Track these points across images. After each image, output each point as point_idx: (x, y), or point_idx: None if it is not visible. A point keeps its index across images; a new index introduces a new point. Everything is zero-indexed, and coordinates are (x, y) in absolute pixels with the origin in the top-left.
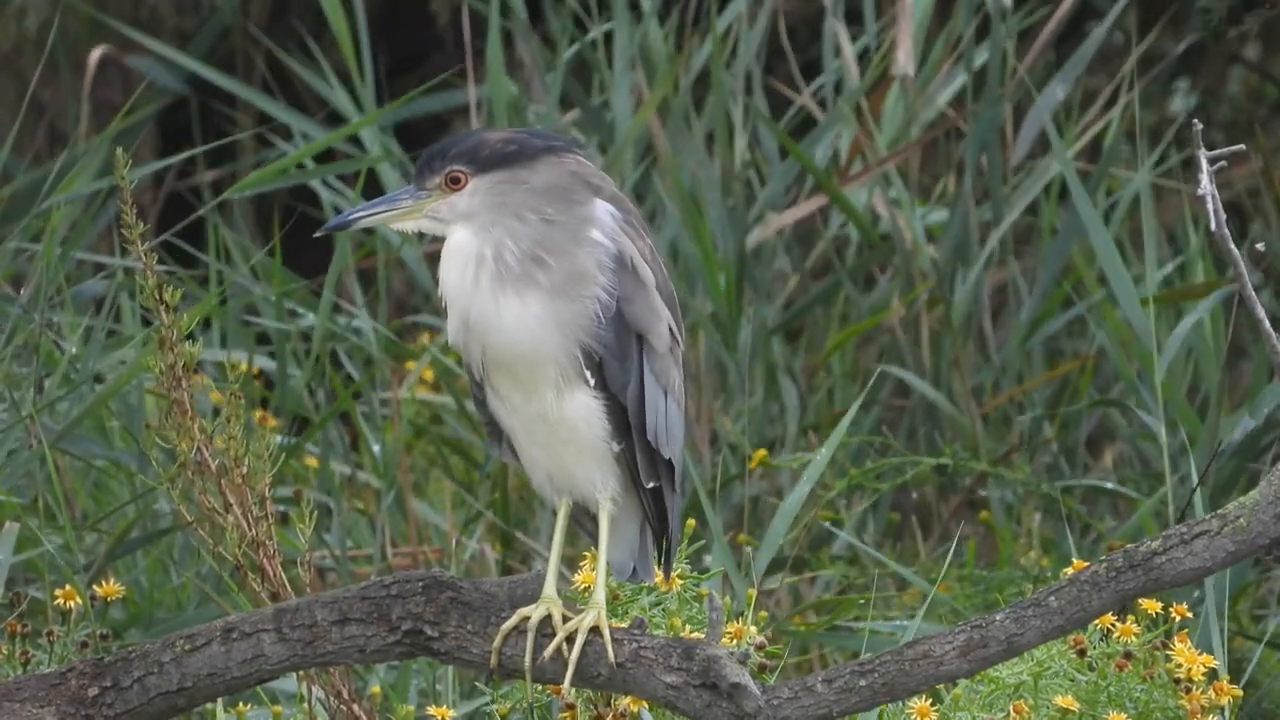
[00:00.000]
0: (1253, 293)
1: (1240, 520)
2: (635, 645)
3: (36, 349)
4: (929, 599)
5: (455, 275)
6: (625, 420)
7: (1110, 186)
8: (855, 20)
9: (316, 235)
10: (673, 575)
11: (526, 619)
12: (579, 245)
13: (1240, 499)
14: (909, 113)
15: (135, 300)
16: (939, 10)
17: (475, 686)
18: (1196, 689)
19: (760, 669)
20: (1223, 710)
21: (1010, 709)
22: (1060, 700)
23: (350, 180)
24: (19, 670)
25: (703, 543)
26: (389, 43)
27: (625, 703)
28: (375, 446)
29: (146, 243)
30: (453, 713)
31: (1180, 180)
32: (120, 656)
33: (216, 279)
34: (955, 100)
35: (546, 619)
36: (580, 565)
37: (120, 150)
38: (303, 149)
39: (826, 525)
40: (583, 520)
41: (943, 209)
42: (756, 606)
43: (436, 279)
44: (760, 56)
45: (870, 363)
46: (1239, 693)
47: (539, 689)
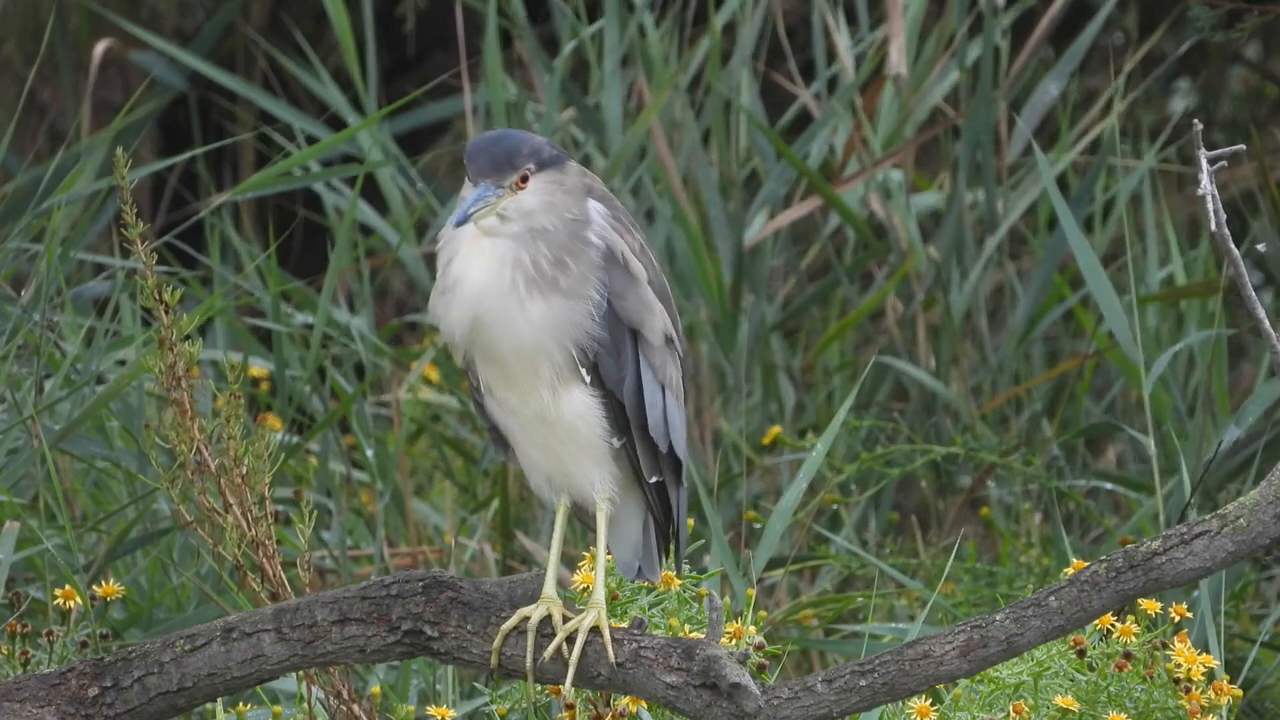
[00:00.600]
0: (1253, 293)
1: (1240, 520)
2: (635, 645)
3: (37, 350)
4: (930, 603)
5: (483, 275)
6: (624, 417)
7: (1110, 184)
8: (853, 19)
9: (458, 226)
10: (670, 574)
11: (526, 619)
12: (586, 245)
13: (1240, 499)
14: (903, 111)
15: (136, 301)
16: (933, 8)
17: (475, 686)
18: (1196, 689)
19: (760, 669)
20: (1223, 710)
21: (1010, 709)
22: (1060, 700)
23: (349, 181)
24: (19, 670)
25: (702, 542)
26: (387, 44)
27: (625, 703)
28: (370, 451)
29: (147, 243)
30: (453, 713)
31: (1176, 182)
32: (120, 656)
33: (219, 280)
34: (951, 98)
35: (546, 619)
36: (580, 565)
37: (120, 150)
38: (303, 152)
39: (827, 524)
40: (585, 519)
41: (934, 193)
42: (756, 605)
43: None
44: (760, 55)
45: (868, 364)
46: (1238, 692)
47: (539, 689)
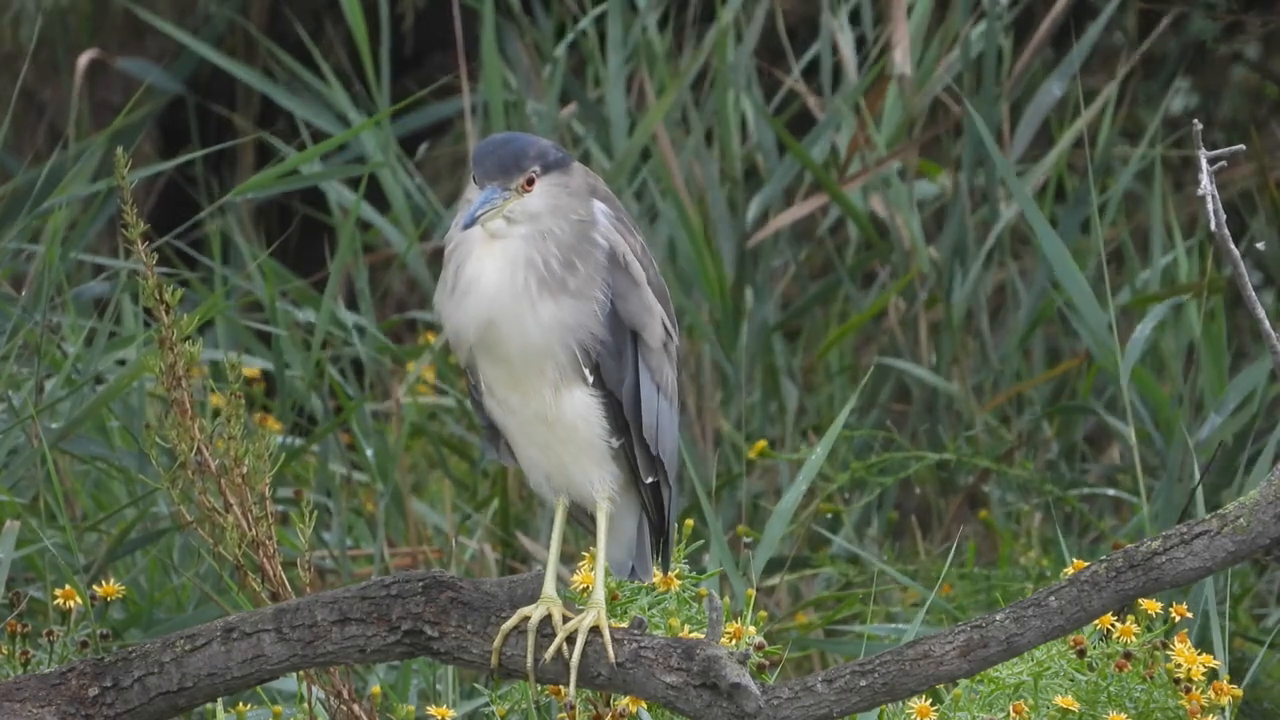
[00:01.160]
0: (1253, 293)
1: (1240, 520)
2: (635, 645)
3: (37, 350)
4: (928, 603)
5: (497, 276)
6: (623, 417)
7: (1108, 184)
8: (855, 19)
9: (465, 229)
10: (671, 574)
11: (526, 619)
12: (593, 246)
13: (1240, 499)
14: (907, 111)
15: (138, 302)
16: (936, 8)
17: (475, 686)
18: (1196, 689)
19: (760, 669)
20: (1223, 710)
21: (1010, 709)
22: (1060, 700)
23: (351, 180)
24: (19, 670)
25: (702, 542)
26: (389, 41)
27: (625, 703)
28: (369, 451)
29: (147, 243)
30: (453, 713)
31: (1175, 182)
32: (120, 656)
33: (221, 281)
34: (953, 97)
35: (546, 619)
36: (579, 565)
37: (120, 150)
38: (305, 153)
39: (826, 523)
40: (582, 519)
41: (937, 185)
42: (756, 606)
43: (438, 278)
44: (763, 56)
45: (870, 363)
46: (1239, 692)
47: (539, 689)
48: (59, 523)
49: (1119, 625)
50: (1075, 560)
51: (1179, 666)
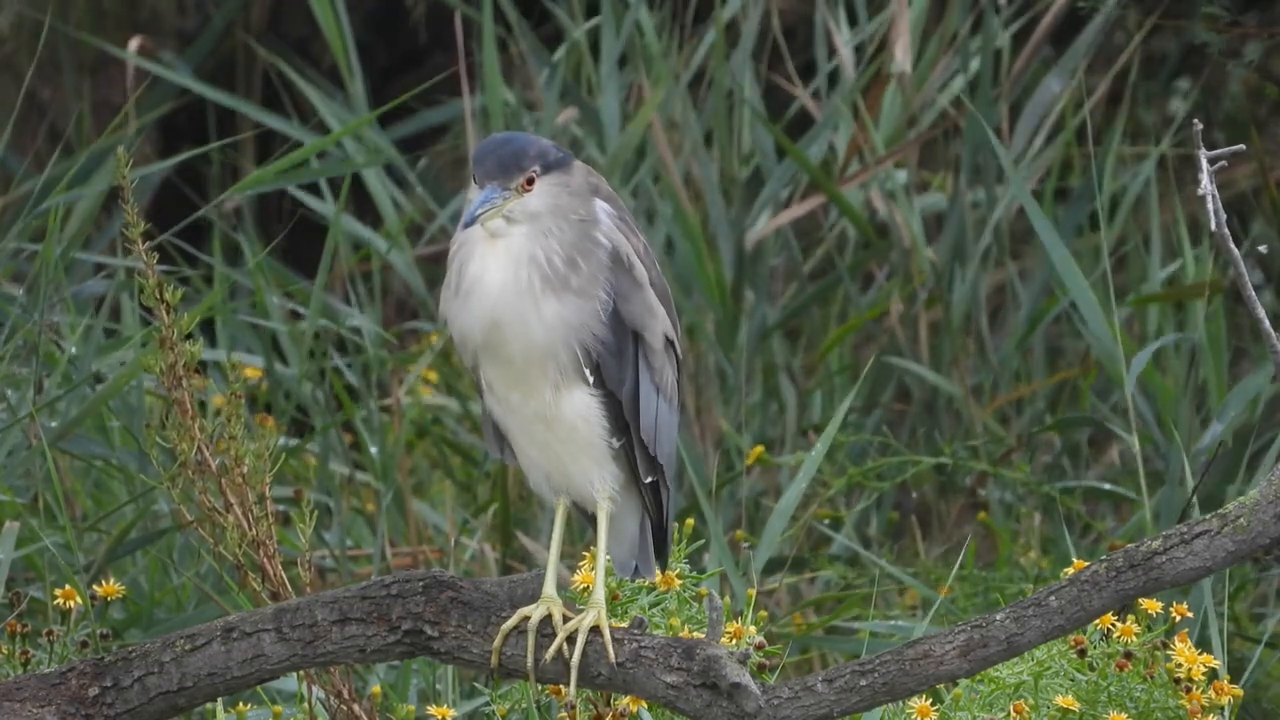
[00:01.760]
0: (1253, 293)
1: (1240, 520)
2: (635, 645)
3: (36, 349)
4: (933, 607)
5: (501, 275)
6: (623, 417)
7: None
8: (854, 21)
9: (465, 228)
10: (671, 574)
11: (527, 619)
12: (596, 245)
13: (1240, 498)
14: (906, 110)
15: (135, 300)
16: (934, 6)
17: (475, 686)
18: (1197, 689)
19: (760, 669)
20: (1223, 710)
21: (1010, 709)
22: (1060, 700)
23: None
24: (19, 670)
25: (702, 542)
26: (386, 44)
27: (625, 702)
28: (373, 449)
29: (148, 242)
30: (453, 713)
31: (1175, 181)
32: (120, 656)
33: (222, 279)
34: (953, 98)
35: (547, 619)
36: (580, 565)
37: (121, 149)
38: (297, 153)
39: (826, 526)
40: (584, 519)
41: (937, 193)
42: (756, 606)
43: (438, 280)
44: (761, 56)
45: (870, 364)
46: (1239, 692)
47: (539, 689)
48: (59, 523)
49: (1119, 625)
50: (1076, 560)
51: (1179, 666)
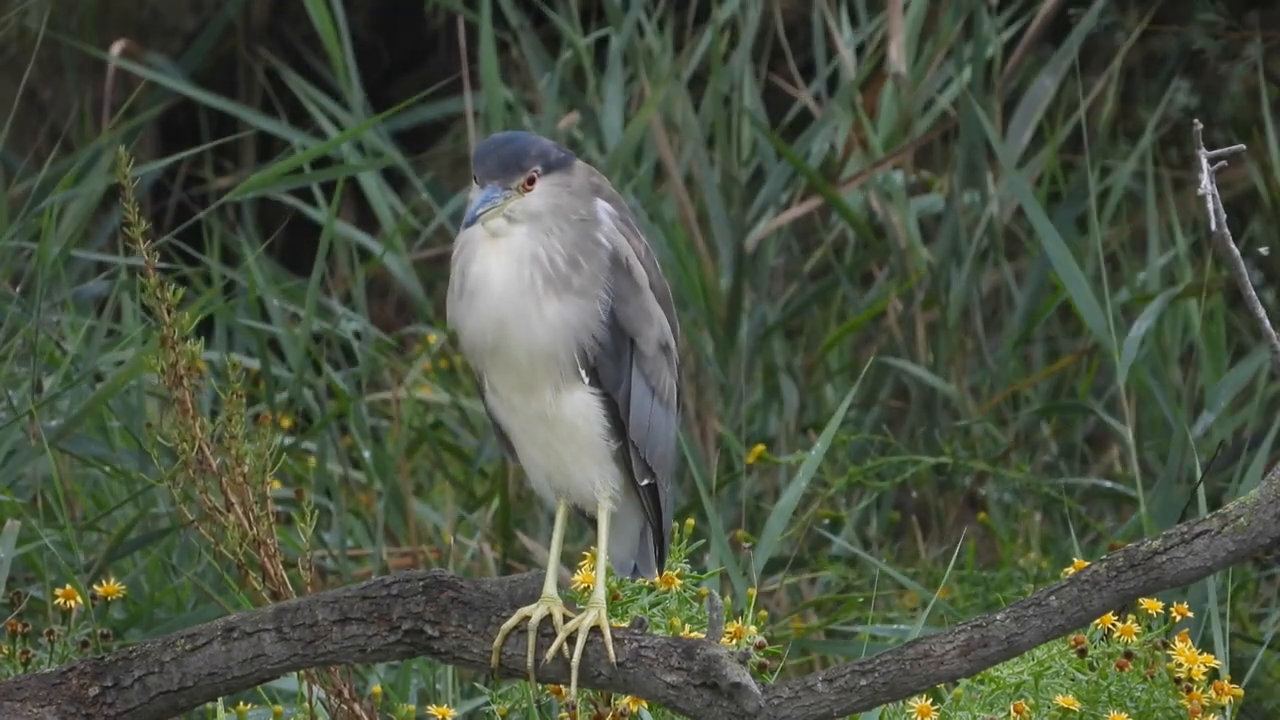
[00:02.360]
0: (1253, 292)
1: (1241, 519)
2: (636, 645)
3: (33, 348)
4: (930, 605)
5: (504, 274)
6: (620, 419)
7: (1108, 185)
8: (855, 20)
9: (466, 227)
10: (670, 573)
11: (527, 618)
12: (598, 246)
13: (1241, 498)
14: (903, 110)
15: (136, 300)
16: (933, 7)
17: (475, 686)
18: (1197, 688)
19: (760, 668)
20: (1223, 710)
21: (1011, 709)
22: (1061, 700)
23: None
24: (19, 670)
25: (703, 542)
26: (388, 42)
27: (625, 702)
28: (366, 452)
29: (148, 242)
30: (453, 712)
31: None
32: (121, 656)
33: (221, 280)
34: (950, 98)
35: (547, 619)
36: (580, 564)
37: (122, 149)
38: (296, 157)
39: (826, 526)
40: (584, 519)
41: (935, 195)
42: (756, 606)
43: (437, 282)
44: (762, 56)
45: (868, 363)
46: (1240, 692)
47: (540, 689)
48: (59, 522)
49: (1120, 625)
50: (1076, 560)
51: (1180, 666)
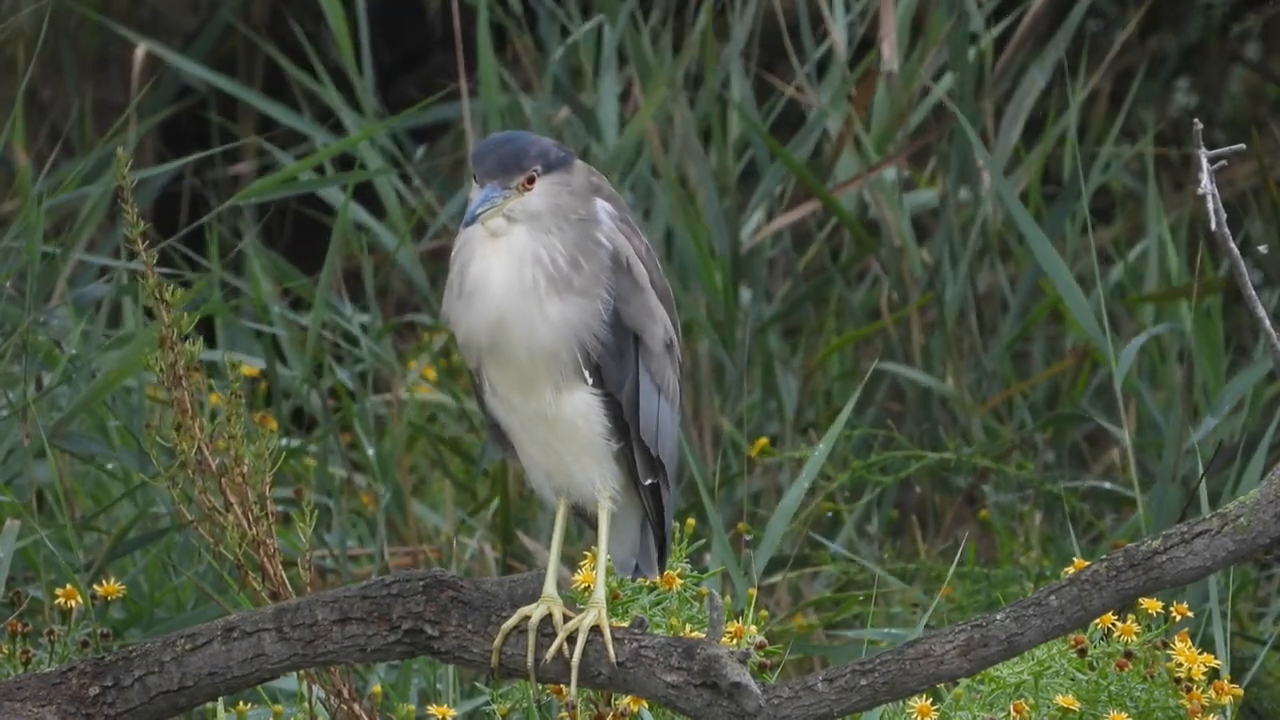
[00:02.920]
0: (1253, 292)
1: (1241, 519)
2: (636, 644)
3: (24, 345)
4: (930, 609)
5: (505, 274)
6: (623, 419)
7: (1112, 184)
8: (849, 8)
9: (466, 226)
10: (672, 574)
11: (527, 618)
12: (598, 246)
13: (1241, 498)
14: (895, 108)
15: (139, 303)
16: (925, 3)
17: (475, 686)
18: (1197, 688)
19: (761, 668)
20: (1224, 710)
21: (1011, 708)
22: (1061, 700)
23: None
24: (20, 669)
25: (703, 541)
26: (389, 42)
27: (625, 702)
28: (370, 450)
29: (148, 242)
30: (453, 712)
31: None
32: (121, 655)
33: (221, 281)
34: (944, 93)
35: (547, 618)
36: (580, 564)
37: (121, 150)
38: (303, 161)
39: (827, 524)
40: (583, 518)
41: (929, 190)
42: (756, 605)
43: (439, 276)
44: (753, 51)
45: (867, 363)
46: (1239, 692)
47: (540, 688)
48: (58, 522)
49: (1120, 624)
50: (1076, 559)
51: (1180, 666)
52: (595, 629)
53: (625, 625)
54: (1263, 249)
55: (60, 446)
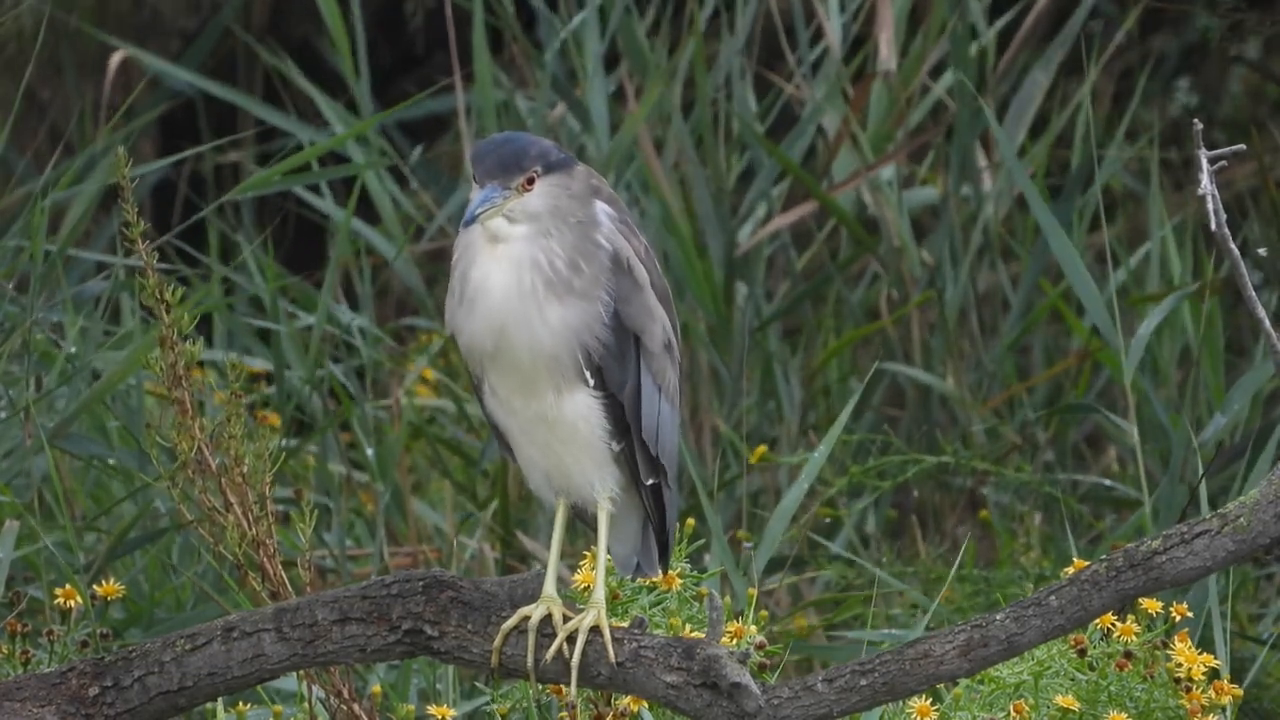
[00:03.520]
0: (1253, 292)
1: (1241, 519)
2: (635, 645)
3: (26, 344)
4: (929, 611)
5: (504, 278)
6: (624, 419)
7: (1113, 184)
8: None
9: (465, 226)
10: (672, 574)
11: (527, 618)
12: (597, 248)
13: (1240, 498)
14: (893, 108)
15: (136, 300)
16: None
17: (475, 686)
18: (1197, 688)
19: (760, 668)
20: (1223, 710)
21: (1010, 708)
22: (1060, 700)
23: (347, 182)
24: (19, 669)
25: (703, 542)
26: (389, 42)
27: (625, 702)
28: (369, 450)
29: (147, 241)
30: (453, 712)
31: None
32: (121, 656)
33: (219, 278)
34: (944, 90)
35: (547, 618)
36: (580, 564)
37: (121, 148)
38: (300, 154)
39: (826, 525)
40: (584, 518)
41: (928, 188)
42: (756, 606)
43: (437, 279)
44: (753, 49)
45: (866, 362)
46: (1239, 692)
47: (540, 688)
48: (59, 522)
49: (1119, 625)
50: (1076, 559)
51: (1179, 666)
52: (595, 629)
53: (625, 625)
54: (1262, 251)
55: (60, 447)
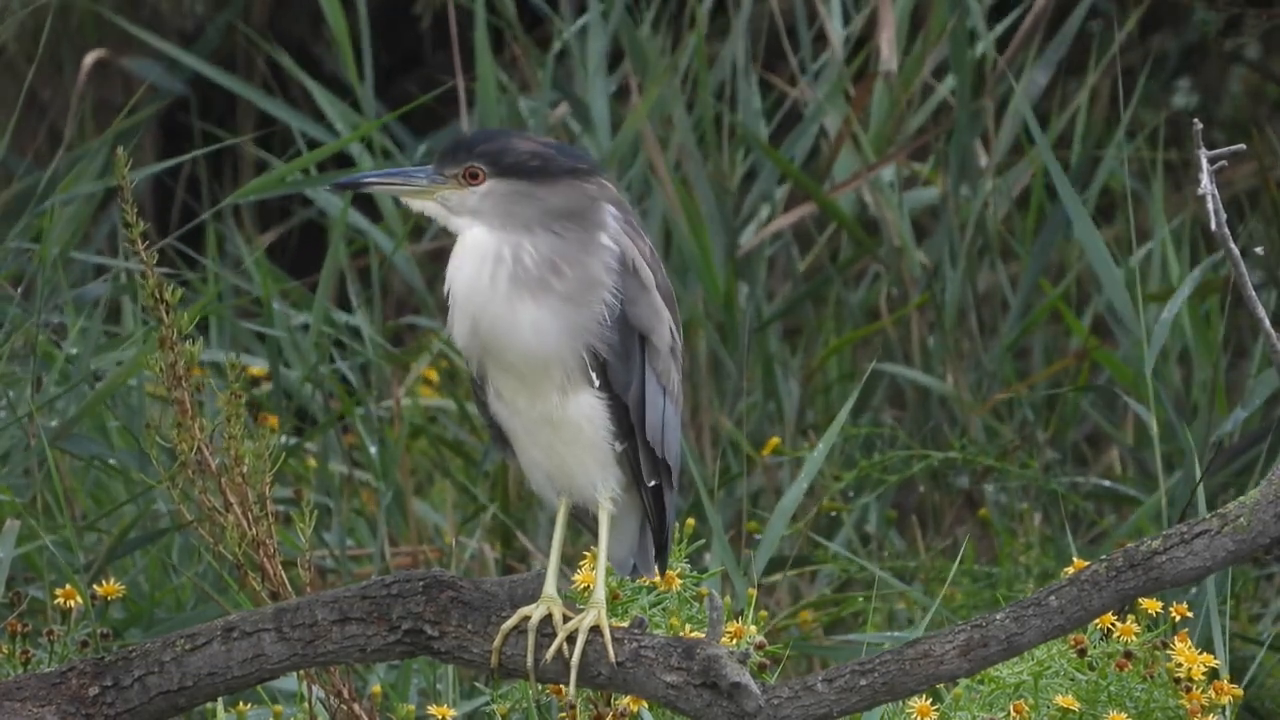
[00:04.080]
0: (1253, 292)
1: (1241, 519)
2: (635, 644)
3: (34, 349)
4: (931, 612)
5: (469, 273)
6: (628, 419)
7: (1112, 184)
8: (847, 12)
9: (328, 189)
10: (672, 574)
11: (527, 618)
12: (591, 254)
13: (1240, 498)
14: (895, 109)
15: (137, 303)
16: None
17: (475, 686)
18: (1197, 688)
19: (760, 668)
20: (1223, 710)
21: (1010, 708)
22: (1060, 700)
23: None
24: (19, 669)
25: (703, 541)
26: (389, 42)
27: (625, 702)
28: (372, 449)
29: (147, 243)
30: (453, 712)
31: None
32: (121, 656)
33: (215, 280)
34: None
35: (547, 619)
36: (580, 564)
37: (121, 150)
38: (302, 159)
39: (826, 526)
40: (584, 518)
41: (929, 188)
42: (756, 605)
43: (438, 278)
44: (759, 48)
45: (866, 363)
46: (1239, 692)
47: (540, 688)
48: (59, 522)
49: (1119, 625)
50: (1076, 559)
51: (1179, 666)
52: (595, 629)
53: (625, 625)
54: (1259, 250)
55: (61, 447)
